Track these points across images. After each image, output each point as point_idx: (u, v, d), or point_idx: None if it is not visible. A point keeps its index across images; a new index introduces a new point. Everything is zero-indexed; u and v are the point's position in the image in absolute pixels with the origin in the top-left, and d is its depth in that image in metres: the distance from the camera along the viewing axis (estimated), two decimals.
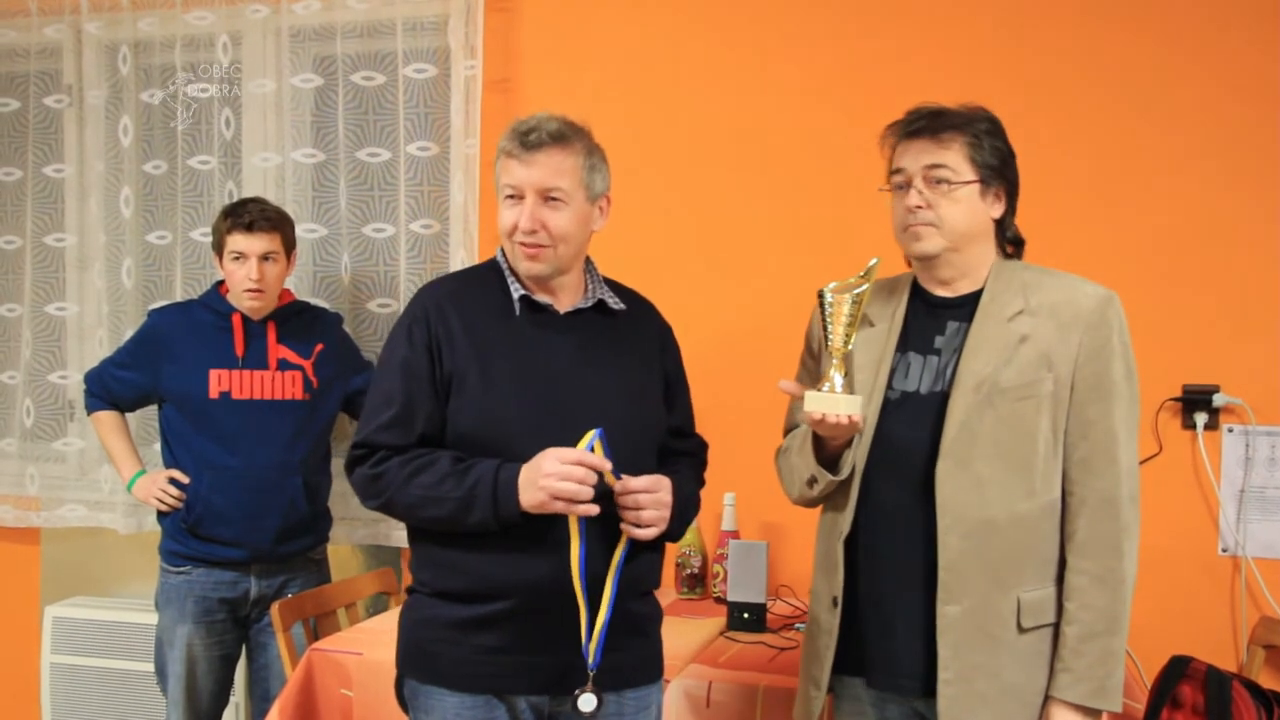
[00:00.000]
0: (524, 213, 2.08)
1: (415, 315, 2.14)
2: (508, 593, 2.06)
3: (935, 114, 2.04)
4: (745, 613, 2.91)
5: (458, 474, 2.03)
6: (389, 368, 2.14)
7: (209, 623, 3.15)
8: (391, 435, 2.09)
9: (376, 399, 2.13)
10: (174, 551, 3.16)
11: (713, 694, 2.49)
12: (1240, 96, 3.02)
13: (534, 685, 2.09)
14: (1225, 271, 3.03)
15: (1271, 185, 3.00)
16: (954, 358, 2.03)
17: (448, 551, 2.10)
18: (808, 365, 2.24)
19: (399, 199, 3.53)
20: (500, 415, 2.07)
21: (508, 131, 2.11)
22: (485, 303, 2.14)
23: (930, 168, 2.01)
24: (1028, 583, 2.00)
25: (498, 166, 2.13)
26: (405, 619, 2.20)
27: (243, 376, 3.12)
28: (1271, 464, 3.01)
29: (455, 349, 2.09)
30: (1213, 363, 3.04)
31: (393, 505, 2.11)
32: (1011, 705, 2.00)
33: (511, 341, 2.11)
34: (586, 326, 2.18)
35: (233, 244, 3.10)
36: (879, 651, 2.05)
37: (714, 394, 3.35)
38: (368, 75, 3.57)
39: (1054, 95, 3.13)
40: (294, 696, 2.71)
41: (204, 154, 3.67)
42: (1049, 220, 3.09)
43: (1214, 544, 3.05)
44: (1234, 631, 3.04)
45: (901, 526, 2.02)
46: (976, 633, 1.98)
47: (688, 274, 3.40)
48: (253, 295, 3.11)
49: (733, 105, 3.38)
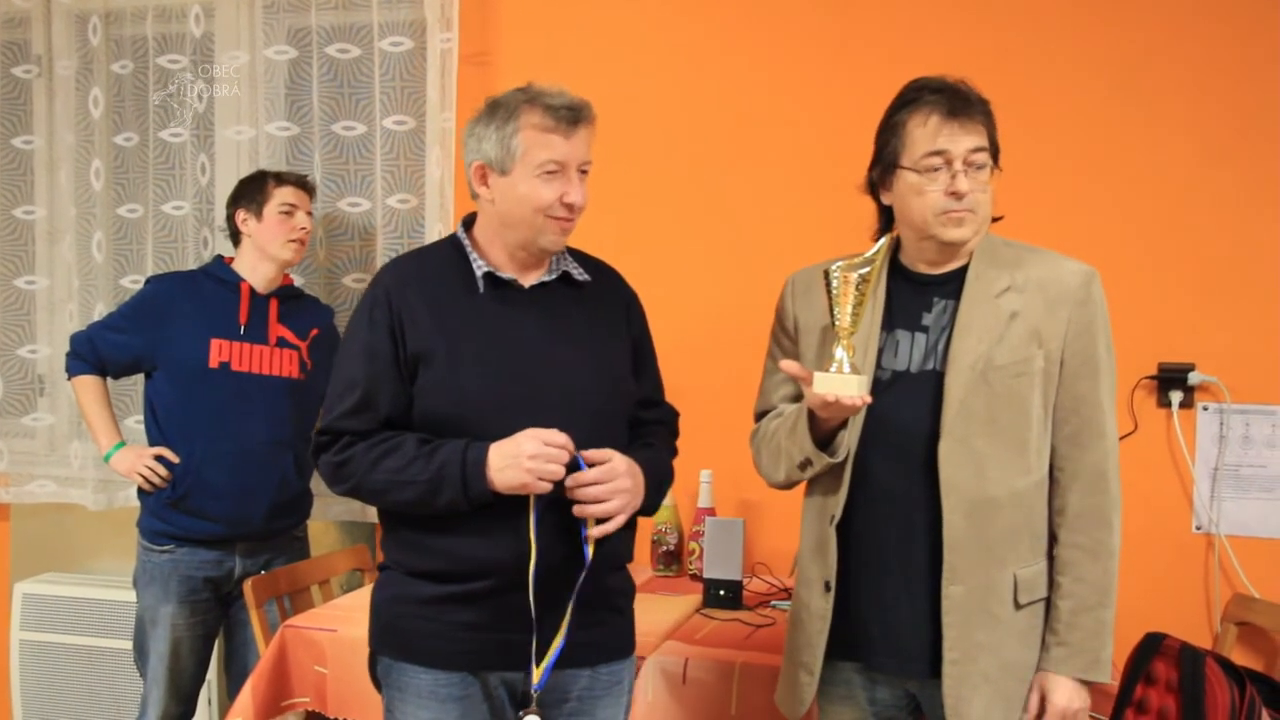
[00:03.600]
0: (574, 187, 2.05)
1: (376, 297, 2.10)
2: (482, 572, 2.04)
3: (963, 92, 1.97)
4: (721, 590, 2.90)
5: (424, 456, 2.01)
6: (350, 352, 2.10)
7: (193, 602, 3.12)
8: (355, 421, 2.06)
9: (339, 384, 2.10)
10: (156, 530, 3.11)
11: (689, 671, 2.49)
12: (1218, 78, 3.02)
13: (510, 662, 2.07)
14: (1201, 250, 3.04)
15: (1248, 165, 3.01)
16: (943, 335, 2.01)
17: (420, 533, 2.08)
18: (783, 344, 2.20)
19: (375, 173, 3.50)
20: (468, 394, 2.04)
21: (533, 104, 2.04)
22: (447, 280, 2.11)
23: (973, 151, 1.96)
24: (1023, 559, 2.01)
25: (522, 140, 2.03)
26: (378, 596, 2.18)
27: (243, 349, 3.10)
28: (1245, 442, 3.02)
29: (419, 329, 2.06)
30: (1188, 341, 3.05)
31: (360, 490, 2.09)
32: (1010, 682, 2.02)
33: (477, 319, 2.08)
34: (552, 300, 2.14)
35: (282, 196, 3.15)
36: (880, 634, 2.03)
37: (691, 371, 3.35)
38: (343, 48, 3.53)
39: (1033, 75, 3.13)
40: (267, 673, 2.70)
41: (176, 126, 3.63)
42: (1027, 200, 3.09)
43: (1188, 522, 3.07)
44: (1207, 609, 3.06)
45: (900, 507, 2.01)
46: (979, 612, 1.98)
47: (666, 251, 3.39)
48: (298, 246, 3.16)
49: (713, 80, 3.36)
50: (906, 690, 2.09)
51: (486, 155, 2.07)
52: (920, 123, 1.97)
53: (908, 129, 1.98)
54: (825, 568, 2.05)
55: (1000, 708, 2.01)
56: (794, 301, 2.16)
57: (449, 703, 2.07)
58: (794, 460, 2.06)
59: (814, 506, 2.11)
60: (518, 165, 2.04)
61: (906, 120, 1.99)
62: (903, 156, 1.99)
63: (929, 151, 1.95)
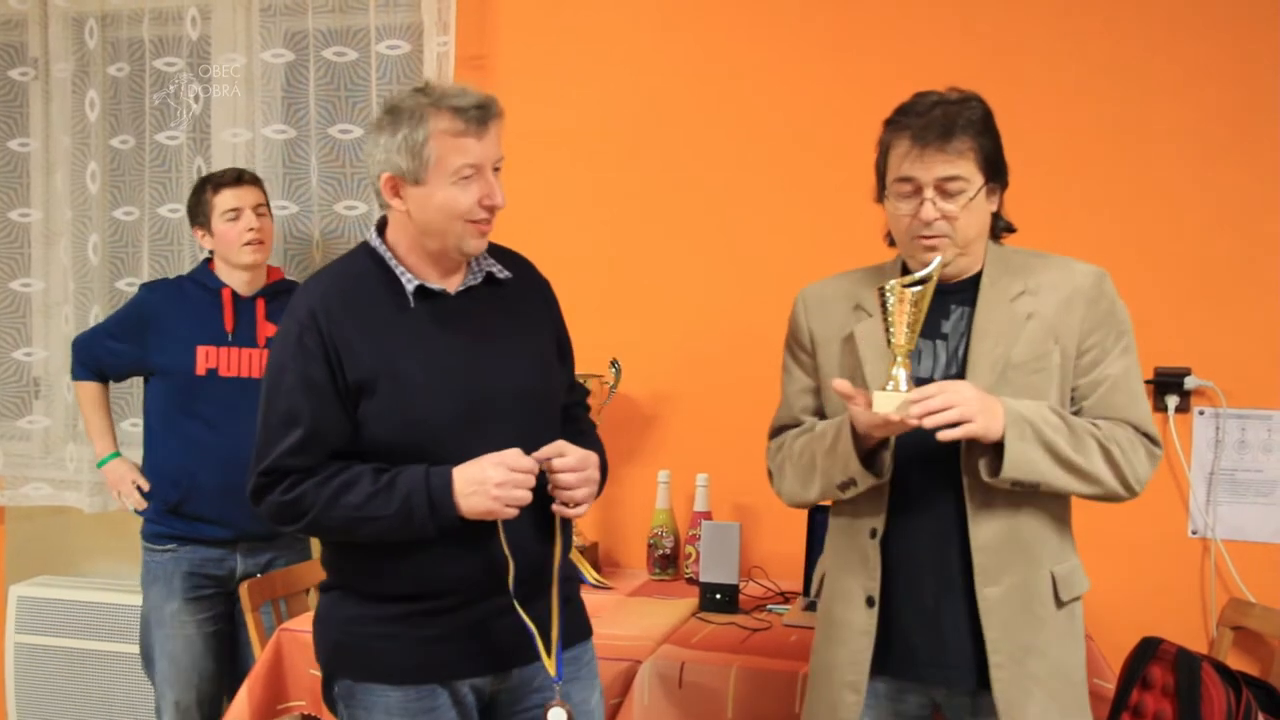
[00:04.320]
0: (494, 188, 1.98)
1: (303, 323, 1.97)
2: (451, 589, 2.00)
3: (943, 116, 1.94)
4: (718, 594, 2.90)
5: (384, 489, 1.93)
6: (284, 384, 1.97)
7: (198, 598, 3.12)
8: (301, 458, 1.96)
9: (276, 418, 1.97)
10: (157, 533, 3.13)
11: (685, 675, 2.48)
12: (1216, 81, 3.02)
13: (480, 667, 2.05)
14: (1198, 254, 3.04)
15: (1246, 169, 3.01)
16: (962, 341, 2.02)
17: (378, 558, 2.01)
18: (800, 359, 2.17)
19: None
20: (420, 418, 1.97)
21: (438, 107, 1.93)
22: (374, 297, 2.00)
23: (944, 180, 1.94)
24: (1056, 555, 2.02)
25: (434, 147, 1.93)
26: (329, 618, 2.09)
27: (230, 354, 3.09)
28: (1242, 446, 3.03)
29: (356, 355, 1.96)
30: (1185, 345, 3.05)
31: (317, 528, 2.01)
32: (1060, 684, 2.01)
33: (412, 337, 1.99)
34: (479, 303, 2.07)
35: (224, 202, 3.09)
36: (924, 645, 2.01)
37: (687, 377, 3.36)
38: (339, 51, 3.52)
39: (1028, 79, 3.13)
40: (263, 676, 2.69)
41: (173, 129, 3.63)
42: (1024, 204, 3.08)
43: (1184, 526, 3.07)
44: (1203, 613, 3.06)
45: (932, 515, 2.00)
46: (1021, 613, 1.97)
47: (663, 256, 3.38)
48: (255, 247, 3.10)
49: (711, 84, 3.36)
50: (932, 699, 2.08)
51: (396, 166, 1.95)
52: (895, 147, 1.97)
53: (889, 150, 2.00)
54: (868, 582, 2.02)
55: (1056, 711, 1.99)
56: (807, 316, 2.15)
57: (419, 716, 2.02)
58: (833, 480, 2.01)
59: (846, 519, 2.08)
60: (431, 173, 1.94)
61: (889, 141, 2.00)
62: (886, 175, 2.01)
63: (898, 177, 1.97)
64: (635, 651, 2.56)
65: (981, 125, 1.98)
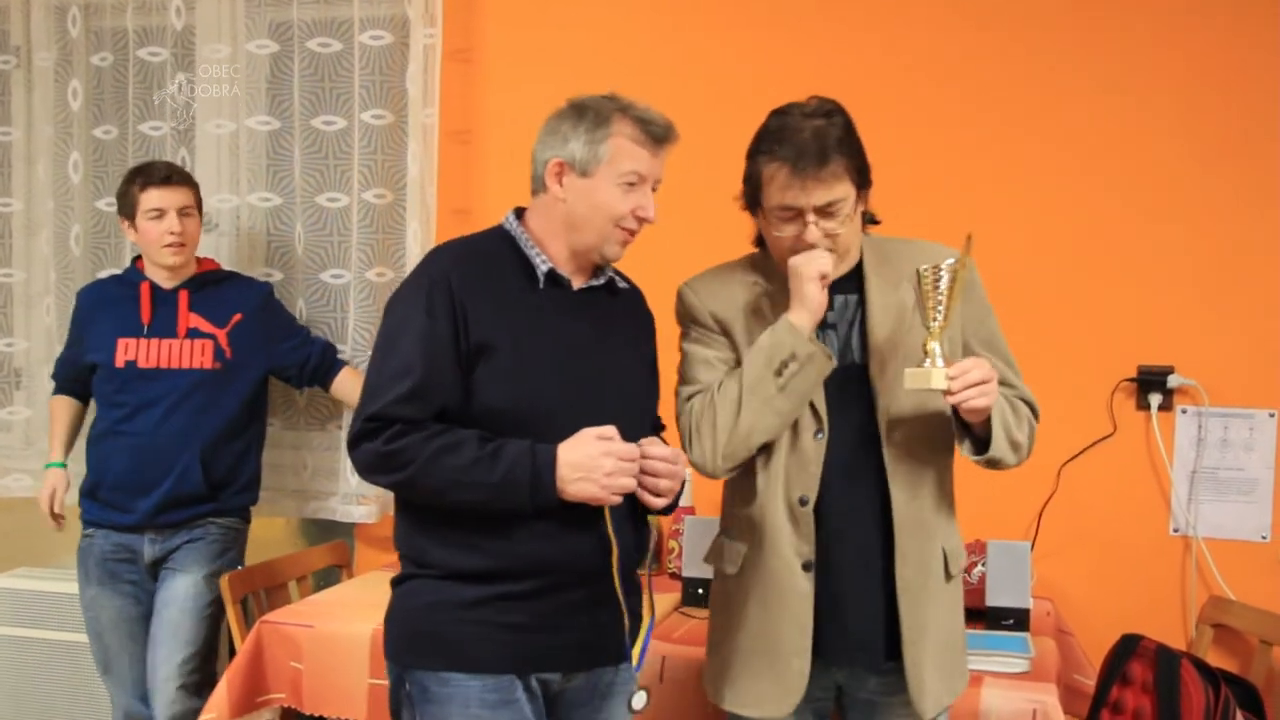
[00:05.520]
0: (649, 201, 2.06)
1: (434, 279, 2.00)
2: (539, 571, 1.99)
3: (814, 139, 1.96)
4: (700, 588, 2.90)
5: (488, 457, 1.92)
6: (405, 334, 1.98)
7: (114, 583, 3.15)
8: (410, 408, 1.95)
9: (391, 368, 1.97)
10: (82, 517, 3.21)
11: (666, 670, 2.48)
12: (1204, 81, 3.03)
13: (552, 663, 2.03)
14: (1182, 254, 3.04)
15: (1231, 170, 3.01)
16: (852, 329, 2.08)
17: (469, 531, 1.98)
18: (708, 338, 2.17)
19: (353, 168, 3.48)
20: (535, 391, 1.99)
21: (626, 114, 2.05)
22: (505, 272, 2.06)
23: (828, 205, 1.98)
24: (946, 531, 2.11)
25: (611, 146, 2.02)
26: (408, 605, 2.05)
27: (149, 345, 3.11)
28: (1224, 445, 3.03)
29: (482, 318, 1.98)
30: (1168, 344, 3.05)
31: (413, 485, 1.97)
32: (948, 654, 2.10)
33: (538, 315, 2.03)
34: (597, 304, 2.12)
35: (148, 201, 3.09)
36: (838, 623, 2.04)
37: (669, 370, 3.35)
38: (324, 42, 3.51)
39: (1016, 77, 3.13)
40: (243, 669, 2.69)
41: (156, 120, 3.61)
42: (1009, 204, 3.10)
43: (1166, 524, 3.08)
44: (1183, 610, 3.07)
45: (852, 497, 2.04)
46: (921, 590, 2.04)
47: (652, 247, 3.36)
48: (175, 250, 3.11)
49: (698, 77, 3.35)
50: (835, 680, 2.13)
51: (571, 154, 2.02)
52: (770, 176, 2.00)
53: (761, 177, 2.02)
54: (802, 546, 2.04)
55: (944, 679, 2.08)
56: (700, 299, 2.17)
57: (499, 709, 1.98)
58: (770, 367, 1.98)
59: (771, 486, 2.06)
60: (601, 170, 2.02)
61: (760, 169, 2.03)
62: (762, 201, 2.04)
63: (779, 206, 2.00)
64: None
65: (849, 140, 2.00)
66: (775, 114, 2.05)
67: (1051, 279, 3.09)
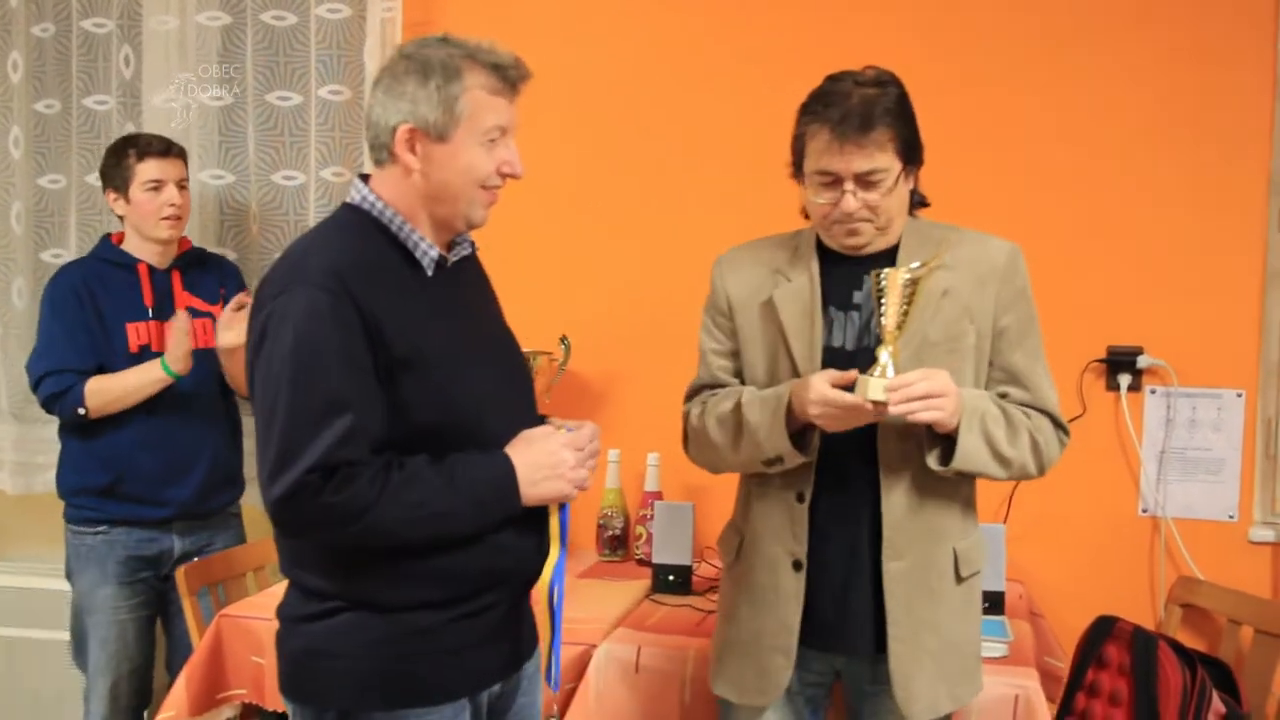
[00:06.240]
0: (515, 155, 1.84)
1: (333, 292, 1.68)
2: (487, 586, 1.83)
3: (860, 106, 1.90)
4: (671, 575, 2.86)
5: (445, 484, 1.72)
6: (324, 363, 1.67)
7: (133, 583, 3.00)
8: (351, 450, 1.67)
9: (316, 405, 1.66)
10: (86, 517, 2.99)
11: (641, 658, 2.43)
12: (1165, 58, 3.02)
13: (502, 672, 1.91)
14: (1151, 235, 3.04)
15: (1196, 147, 3.01)
16: (875, 313, 1.99)
17: (410, 560, 1.76)
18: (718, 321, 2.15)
19: (309, 145, 3.38)
20: (465, 398, 1.79)
21: (475, 61, 1.77)
22: (390, 265, 1.79)
23: (864, 174, 1.93)
24: (959, 531, 2.05)
25: (468, 102, 1.76)
26: (343, 649, 1.78)
27: (157, 328, 2.97)
28: (1192, 425, 3.04)
29: (394, 329, 1.72)
30: (1137, 324, 3.05)
31: (365, 535, 1.70)
32: (952, 657, 2.04)
33: (436, 309, 1.81)
34: (466, 275, 1.93)
35: (146, 172, 2.95)
36: (834, 613, 2.02)
37: (636, 356, 3.30)
38: (278, 15, 3.40)
39: (979, 58, 3.10)
40: (202, 664, 2.61)
41: (101, 93, 3.49)
42: (976, 183, 3.07)
43: (1135, 505, 3.08)
44: (1152, 591, 3.07)
45: (849, 487, 2.01)
46: (920, 588, 2.00)
47: (615, 231, 3.32)
48: (172, 223, 2.98)
49: (659, 52, 3.29)
50: (833, 666, 2.11)
51: (423, 118, 1.75)
52: (813, 138, 1.95)
53: (805, 140, 1.97)
54: (795, 546, 2.02)
55: (945, 684, 2.03)
56: (724, 280, 2.14)
57: None
58: (761, 455, 1.99)
59: (772, 483, 2.06)
60: (460, 131, 1.77)
61: (805, 131, 1.98)
62: (805, 166, 1.99)
63: (817, 170, 1.95)
64: (589, 635, 2.50)
65: (898, 111, 1.95)
66: (830, 79, 1.98)
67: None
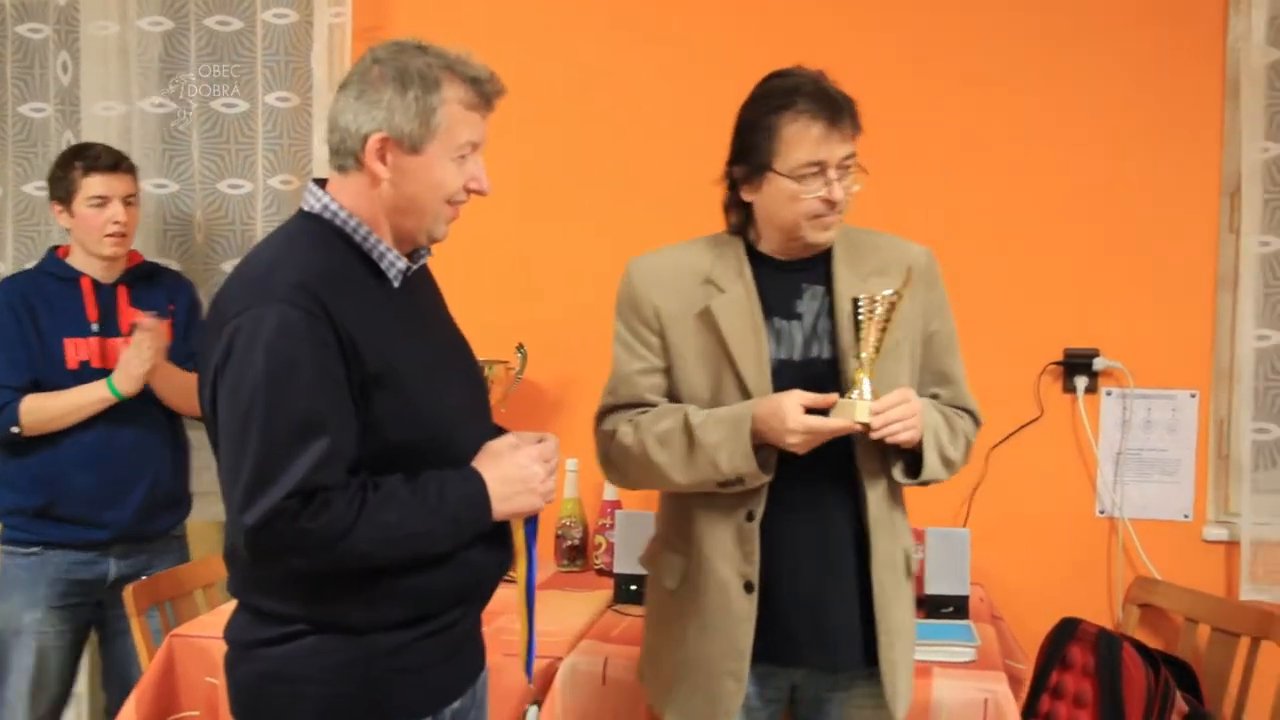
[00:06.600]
0: (483, 170, 1.78)
1: (306, 308, 1.61)
2: (455, 602, 1.80)
3: (834, 94, 1.92)
4: (634, 585, 2.81)
5: (420, 502, 1.67)
6: (300, 382, 1.60)
7: (64, 608, 2.90)
8: (329, 474, 1.61)
9: (292, 426, 1.59)
10: (19, 538, 2.89)
11: (609, 670, 2.40)
12: (1127, 65, 3.04)
13: (465, 686, 1.87)
14: (1107, 238, 3.06)
15: (1151, 151, 3.04)
16: (818, 321, 2.00)
17: (378, 580, 1.70)
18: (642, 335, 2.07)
19: (256, 153, 3.31)
20: (437, 413, 1.75)
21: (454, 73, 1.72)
22: (355, 277, 1.73)
23: (846, 159, 1.93)
24: (904, 532, 2.07)
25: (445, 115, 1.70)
26: (308, 673, 1.71)
27: (99, 344, 2.88)
28: (1148, 426, 3.06)
29: (368, 345, 1.66)
30: (1093, 327, 3.07)
31: (344, 557, 1.64)
32: (910, 649, 2.09)
33: (402, 322, 1.76)
34: (420, 283, 1.87)
35: (91, 187, 2.85)
36: (805, 628, 1.99)
37: (597, 362, 3.23)
38: (223, 20, 3.34)
39: (934, 66, 3.11)
40: (153, 686, 2.53)
41: (37, 100, 3.41)
42: (935, 189, 3.08)
43: (1092, 506, 3.10)
44: (1109, 591, 3.09)
45: (814, 499, 1.98)
46: (891, 589, 2.00)
47: (570, 238, 3.28)
48: (116, 241, 2.88)
49: (610, 60, 3.27)
50: (791, 680, 2.09)
51: (397, 129, 1.69)
52: (799, 130, 1.91)
53: (782, 135, 1.92)
54: (745, 567, 1.97)
55: (907, 673, 2.07)
56: (648, 291, 2.05)
57: None
58: (715, 476, 1.92)
59: (718, 502, 1.98)
60: (435, 144, 1.71)
61: (779, 125, 1.92)
62: (776, 161, 1.93)
63: (808, 162, 1.91)
64: (555, 648, 2.46)
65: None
66: (777, 76, 1.97)
67: (978, 263, 3.06)
